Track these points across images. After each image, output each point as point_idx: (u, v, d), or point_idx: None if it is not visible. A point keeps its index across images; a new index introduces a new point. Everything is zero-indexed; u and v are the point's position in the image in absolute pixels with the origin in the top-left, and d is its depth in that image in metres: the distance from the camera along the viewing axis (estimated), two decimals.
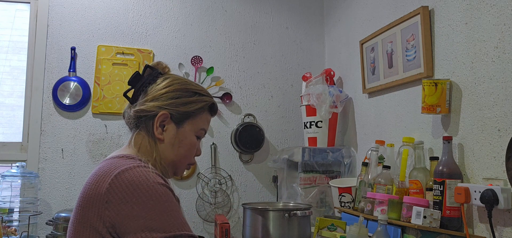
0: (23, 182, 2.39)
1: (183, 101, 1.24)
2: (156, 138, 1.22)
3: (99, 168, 1.14)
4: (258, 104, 2.88)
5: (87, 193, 1.10)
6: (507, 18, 1.43)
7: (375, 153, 1.94)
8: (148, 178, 1.07)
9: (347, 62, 2.62)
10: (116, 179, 1.06)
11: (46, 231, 2.38)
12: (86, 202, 1.09)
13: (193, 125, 1.26)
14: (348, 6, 2.63)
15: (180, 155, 1.26)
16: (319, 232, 1.84)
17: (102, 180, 1.08)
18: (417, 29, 1.86)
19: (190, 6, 2.83)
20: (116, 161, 1.13)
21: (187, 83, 1.28)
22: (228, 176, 2.79)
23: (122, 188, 1.05)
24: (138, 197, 1.04)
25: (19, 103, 2.63)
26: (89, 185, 1.11)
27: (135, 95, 1.26)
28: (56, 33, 2.64)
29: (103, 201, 1.05)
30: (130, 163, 1.11)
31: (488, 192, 1.39)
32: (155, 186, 1.07)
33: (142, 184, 1.06)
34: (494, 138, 1.48)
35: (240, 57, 2.88)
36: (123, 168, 1.09)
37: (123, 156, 1.17)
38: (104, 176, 1.09)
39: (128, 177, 1.07)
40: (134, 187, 1.05)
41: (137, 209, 1.03)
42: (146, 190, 1.05)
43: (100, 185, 1.07)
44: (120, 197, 1.04)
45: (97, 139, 2.65)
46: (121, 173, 1.07)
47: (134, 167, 1.09)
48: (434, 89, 1.64)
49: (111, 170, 1.10)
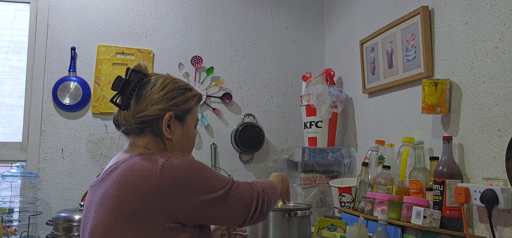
0: (23, 182, 2.39)
1: (182, 100, 1.31)
2: (165, 137, 1.29)
3: (130, 165, 1.17)
4: (258, 104, 2.88)
5: (130, 192, 1.14)
6: (507, 18, 1.43)
7: (375, 153, 1.94)
8: (184, 160, 1.18)
9: (347, 62, 2.62)
10: (164, 169, 1.14)
11: (46, 231, 2.38)
12: (133, 201, 1.13)
13: (192, 118, 1.36)
14: (348, 6, 2.63)
15: (186, 147, 1.36)
16: (319, 232, 1.84)
17: (147, 176, 1.14)
18: (417, 29, 1.86)
19: (190, 6, 2.83)
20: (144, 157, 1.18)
21: (177, 81, 1.35)
22: (228, 176, 2.79)
23: (172, 176, 1.14)
24: (188, 176, 1.16)
25: (19, 103, 2.63)
26: (127, 185, 1.14)
27: (126, 100, 1.27)
28: (56, 33, 2.64)
29: (163, 193, 1.13)
30: (160, 156, 1.18)
31: (488, 192, 1.39)
32: (192, 163, 1.19)
33: (184, 166, 1.16)
34: (494, 138, 1.48)
35: (240, 57, 2.88)
36: (164, 158, 1.16)
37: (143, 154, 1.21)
38: (148, 170, 1.14)
39: (171, 165, 1.15)
40: (181, 171, 1.15)
41: (191, 186, 1.15)
42: (189, 169, 1.17)
43: (150, 180, 1.13)
44: (174, 185, 1.14)
45: (97, 139, 2.65)
46: (165, 164, 1.15)
47: (170, 157, 1.17)
48: (434, 89, 1.64)
49: (150, 163, 1.15)
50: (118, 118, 1.31)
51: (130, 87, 1.27)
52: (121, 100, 1.28)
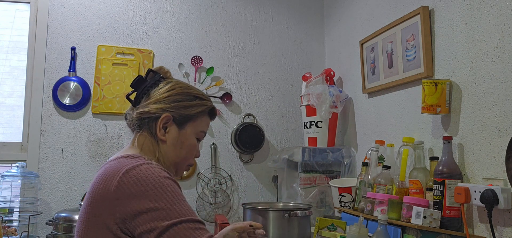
0: (23, 182, 2.39)
1: (185, 105, 1.30)
2: (159, 139, 1.27)
3: (106, 168, 1.19)
4: (258, 104, 2.88)
5: (96, 192, 1.15)
6: (507, 18, 1.43)
7: (375, 153, 1.94)
8: (154, 173, 1.13)
9: (347, 62, 2.62)
10: (124, 177, 1.12)
11: (46, 231, 2.38)
12: (96, 201, 1.15)
13: (194, 127, 1.32)
14: (348, 6, 2.63)
15: (181, 156, 1.31)
16: (319, 232, 1.84)
17: (111, 179, 1.14)
18: (417, 29, 1.86)
19: (190, 6, 2.83)
20: (122, 161, 1.18)
21: (189, 87, 1.34)
22: (228, 176, 2.79)
23: (130, 185, 1.11)
24: (145, 190, 1.10)
25: (19, 103, 2.63)
26: (98, 185, 1.16)
27: (138, 97, 1.31)
28: (56, 33, 2.64)
29: (113, 198, 1.11)
30: (136, 161, 1.17)
31: (488, 192, 1.39)
32: (161, 180, 1.13)
33: (148, 179, 1.12)
34: (494, 138, 1.48)
35: (240, 57, 2.88)
36: (130, 166, 1.14)
37: (128, 155, 1.22)
38: (112, 175, 1.14)
39: (136, 173, 1.13)
40: (142, 182, 1.11)
41: (145, 202, 1.09)
42: (152, 184, 1.11)
43: (110, 184, 1.13)
44: (128, 193, 1.11)
45: (97, 139, 2.65)
46: (128, 171, 1.13)
47: (141, 165, 1.15)
48: (434, 89, 1.64)
49: (118, 169, 1.15)
50: (127, 113, 1.33)
51: (144, 86, 1.30)
52: (135, 97, 1.32)
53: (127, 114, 1.33)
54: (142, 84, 1.31)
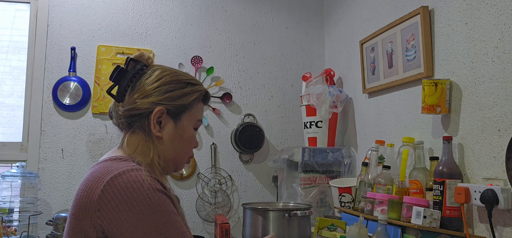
0: (23, 182, 2.39)
1: (177, 94, 1.17)
2: (154, 136, 1.15)
3: (91, 173, 1.09)
4: (258, 104, 2.88)
5: (80, 200, 1.05)
6: (507, 18, 1.43)
7: (375, 153, 1.94)
8: (143, 184, 1.01)
9: (347, 62, 2.62)
10: (109, 185, 1.01)
11: (46, 231, 2.38)
12: (78, 210, 1.04)
13: (190, 117, 1.20)
14: (348, 6, 2.63)
15: (181, 150, 1.20)
16: (319, 232, 1.84)
17: (94, 187, 1.03)
18: (417, 29, 1.86)
19: (190, 6, 2.83)
20: (108, 165, 1.07)
21: (177, 73, 1.21)
22: (228, 176, 2.79)
23: (115, 195, 1.00)
24: (132, 205, 0.99)
25: (19, 103, 2.63)
26: (81, 192, 1.06)
27: (121, 91, 1.16)
28: (56, 33, 2.64)
29: (95, 209, 1.00)
30: (123, 166, 1.05)
31: (488, 192, 1.39)
32: (150, 193, 1.01)
33: (136, 191, 1.00)
34: (494, 138, 1.48)
35: (240, 57, 2.88)
36: (116, 172, 1.03)
37: (116, 158, 1.11)
38: (96, 182, 1.04)
39: (122, 182, 1.01)
40: (128, 194, 1.00)
41: (131, 220, 0.99)
42: (140, 198, 1.00)
43: (93, 192, 1.02)
44: (113, 205, 0.99)
45: (97, 139, 2.65)
46: (114, 178, 1.02)
47: (128, 171, 1.03)
48: (434, 89, 1.64)
49: (103, 175, 1.04)
50: (112, 109, 1.20)
51: (127, 78, 1.16)
52: (117, 91, 1.17)
53: (111, 112, 1.20)
54: (123, 75, 1.16)
